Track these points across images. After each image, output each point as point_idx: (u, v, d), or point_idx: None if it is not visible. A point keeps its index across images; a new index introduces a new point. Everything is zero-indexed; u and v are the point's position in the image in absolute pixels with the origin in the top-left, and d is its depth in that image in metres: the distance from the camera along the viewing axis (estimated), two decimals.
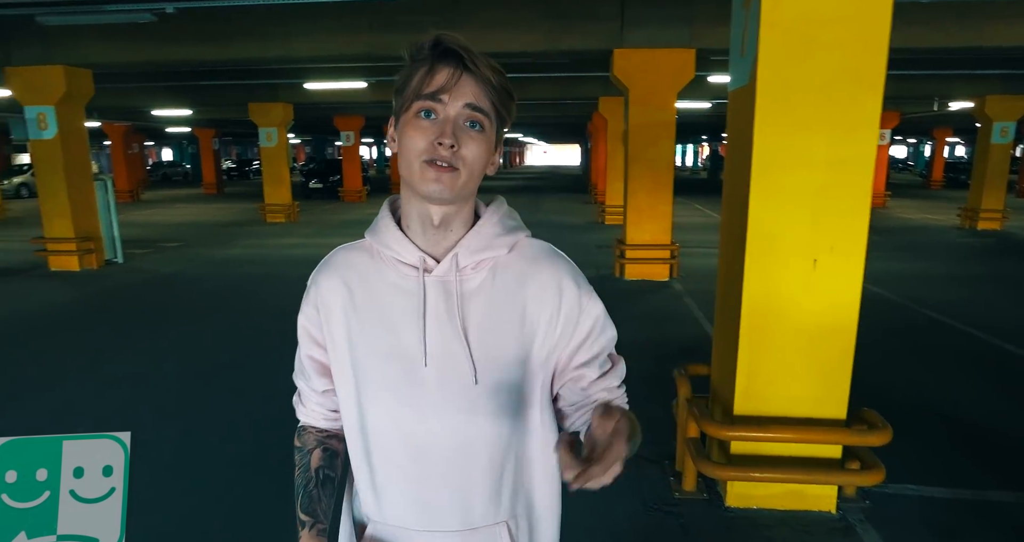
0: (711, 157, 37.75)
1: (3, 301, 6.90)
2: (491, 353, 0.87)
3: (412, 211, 0.87)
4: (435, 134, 0.79)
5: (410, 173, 0.82)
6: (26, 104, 8.05)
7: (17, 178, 21.97)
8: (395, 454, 0.90)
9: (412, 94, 0.81)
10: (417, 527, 0.91)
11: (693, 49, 7.11)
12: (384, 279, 0.89)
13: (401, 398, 0.88)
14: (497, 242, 0.89)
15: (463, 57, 0.80)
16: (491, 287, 0.88)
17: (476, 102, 0.81)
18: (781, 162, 2.42)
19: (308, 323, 0.95)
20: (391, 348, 0.87)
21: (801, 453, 2.59)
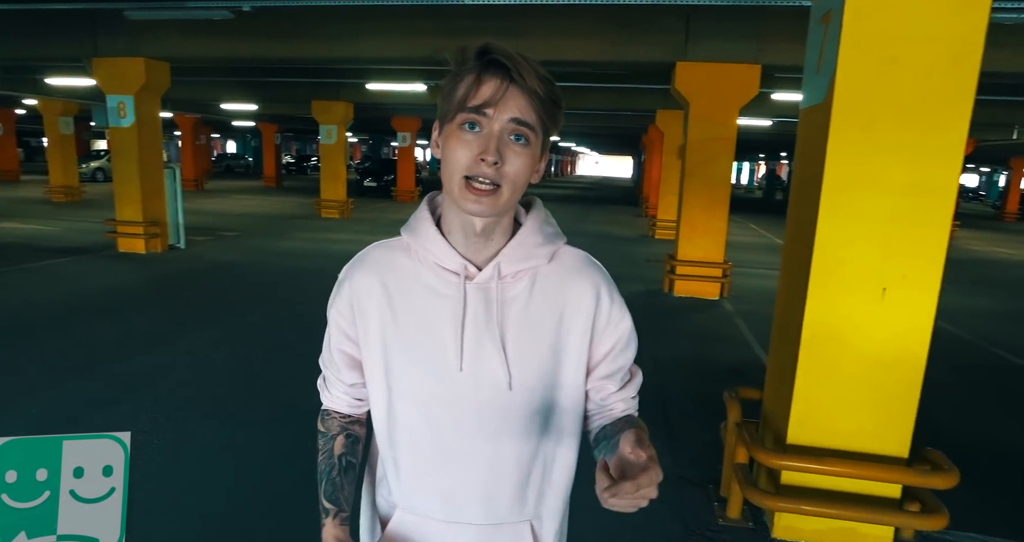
0: (768, 176, 36.86)
1: (75, 279, 7.27)
2: (526, 359, 0.88)
3: (454, 218, 0.87)
4: (479, 149, 0.78)
5: (451, 187, 0.82)
6: (108, 93, 8.49)
7: (94, 162, 23.20)
8: (425, 450, 0.91)
9: (457, 105, 0.80)
10: (442, 518, 0.92)
11: (759, 65, 6.95)
12: (422, 282, 0.89)
13: (435, 400, 0.89)
14: (538, 252, 0.90)
15: (510, 69, 0.78)
16: (529, 296, 0.89)
17: (522, 116, 0.79)
18: (854, 184, 2.32)
19: (341, 319, 0.95)
20: (427, 351, 0.88)
21: (857, 489, 2.47)
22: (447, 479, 0.91)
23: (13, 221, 11.78)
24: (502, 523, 0.92)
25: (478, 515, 0.92)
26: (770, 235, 14.81)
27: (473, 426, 0.89)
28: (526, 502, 0.93)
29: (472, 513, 0.92)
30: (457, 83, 0.80)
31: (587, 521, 2.64)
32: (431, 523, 0.93)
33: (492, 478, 0.91)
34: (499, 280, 0.88)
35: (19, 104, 18.97)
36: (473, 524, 0.92)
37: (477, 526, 0.92)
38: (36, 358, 4.42)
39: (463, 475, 0.90)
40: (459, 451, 0.90)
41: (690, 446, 3.49)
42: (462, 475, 0.90)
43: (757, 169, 50.75)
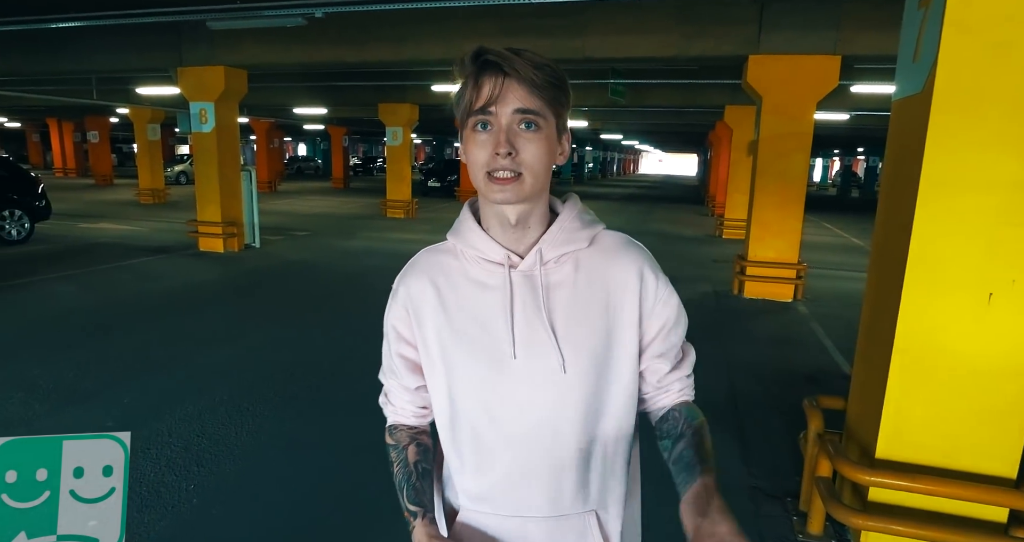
0: (843, 173, 35.12)
1: (161, 276, 7.72)
2: (577, 342, 0.90)
3: (489, 213, 0.92)
4: (493, 145, 0.82)
5: (478, 184, 0.86)
6: (191, 100, 8.98)
7: (178, 166, 24.66)
8: (488, 443, 0.92)
9: (465, 111, 0.85)
10: (508, 512, 0.93)
11: (838, 56, 6.60)
12: (469, 277, 0.93)
13: (493, 390, 0.90)
14: (578, 236, 0.92)
15: (502, 65, 0.81)
16: (574, 279, 0.91)
17: (524, 105, 0.82)
18: (957, 181, 2.14)
19: (398, 323, 0.98)
20: (481, 343, 0.90)
21: (956, 511, 2.28)
22: (510, 470, 0.92)
23: (108, 222, 12.64)
24: (567, 514, 0.93)
25: (543, 507, 0.93)
26: (846, 234, 14.08)
27: (532, 413, 0.90)
28: (589, 491, 0.94)
29: (537, 505, 0.93)
30: (463, 90, 0.85)
31: (658, 533, 2.56)
32: (497, 518, 0.94)
33: (555, 467, 0.91)
34: (542, 265, 0.90)
35: (113, 113, 20.39)
36: (538, 517, 0.93)
37: (542, 518, 0.93)
38: (127, 351, 4.70)
39: (526, 465, 0.91)
40: (520, 440, 0.91)
41: (765, 456, 3.33)
42: (525, 465, 0.91)
43: (831, 165, 48.43)
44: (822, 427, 2.70)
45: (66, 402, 3.76)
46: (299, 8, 6.37)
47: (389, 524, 2.62)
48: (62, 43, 8.86)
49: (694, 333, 1.07)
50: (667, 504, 0.98)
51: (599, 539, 0.95)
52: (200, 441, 3.32)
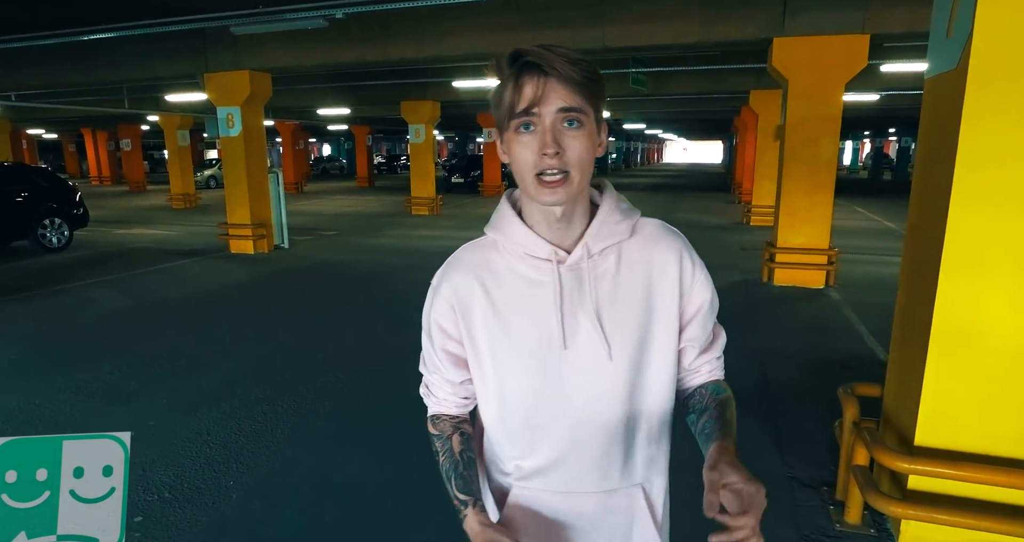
0: (874, 155, 34.19)
1: (195, 278, 7.91)
2: (621, 330, 0.94)
3: (534, 210, 0.93)
4: (539, 146, 0.84)
5: (524, 186, 0.88)
6: (219, 105, 9.15)
7: (207, 171, 25.13)
8: (540, 427, 0.96)
9: (507, 113, 0.85)
10: (559, 489, 0.98)
11: (867, 35, 6.41)
12: (516, 273, 0.95)
13: (543, 380, 0.94)
14: (619, 228, 0.95)
15: (542, 65, 0.82)
16: (617, 270, 0.95)
17: (567, 103, 0.83)
18: (994, 160, 2.07)
19: (442, 320, 0.99)
20: (532, 337, 0.94)
21: (998, 498, 2.22)
22: (562, 453, 0.96)
23: (142, 227, 12.98)
24: (616, 489, 0.98)
25: (593, 483, 0.97)
26: (878, 218, 13.73)
27: (581, 399, 0.94)
28: (635, 466, 0.98)
29: (587, 482, 0.97)
30: (502, 93, 0.86)
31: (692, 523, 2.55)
32: (548, 495, 0.98)
33: (603, 447, 0.96)
34: (588, 259, 0.93)
35: (143, 120, 20.90)
36: (588, 492, 0.97)
37: (592, 494, 0.97)
38: (164, 352, 4.83)
39: (576, 447, 0.96)
40: (571, 425, 0.95)
41: (799, 445, 3.29)
42: (576, 447, 0.96)
43: (862, 148, 47.20)
44: (858, 415, 2.65)
45: (110, 402, 3.89)
46: (320, 10, 6.43)
47: (425, 517, 2.66)
48: (95, 54, 9.09)
49: (724, 322, 1.07)
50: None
51: (646, 512, 1.00)
52: (238, 439, 3.40)
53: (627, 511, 0.99)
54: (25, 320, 5.91)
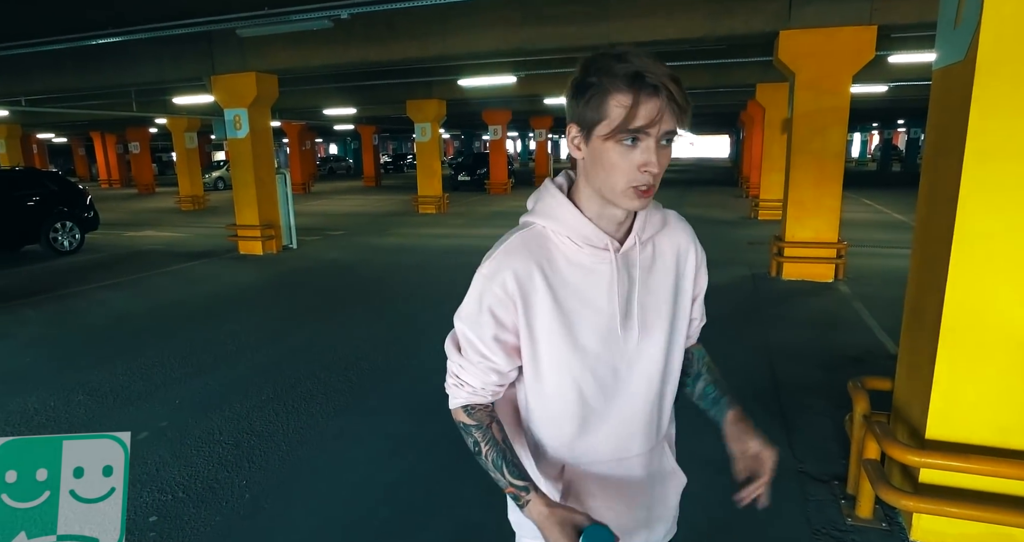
0: (882, 147, 33.89)
1: (205, 280, 7.97)
2: (658, 312, 1.06)
3: (595, 210, 1.01)
4: (642, 161, 0.90)
5: (612, 192, 0.95)
6: (226, 107, 9.20)
7: (215, 172, 25.27)
8: (594, 405, 1.05)
9: (617, 124, 0.88)
10: (611, 457, 1.09)
11: (874, 26, 6.36)
12: (572, 260, 1.02)
13: (600, 360, 1.03)
14: (655, 220, 1.08)
15: (661, 91, 0.87)
16: (653, 258, 1.07)
17: (672, 128, 0.91)
18: (1004, 151, 2.06)
19: (497, 307, 1.01)
20: (590, 320, 1.02)
21: (1010, 490, 2.21)
22: (614, 426, 1.07)
23: (152, 229, 13.08)
24: (653, 447, 1.12)
25: (639, 446, 1.10)
26: (888, 210, 13.63)
27: (632, 377, 1.05)
28: (661, 426, 1.13)
29: (635, 446, 1.09)
30: (605, 98, 0.89)
31: (705, 517, 2.55)
32: (602, 465, 1.08)
33: (645, 413, 1.08)
34: (638, 248, 1.04)
35: (151, 123, 21.05)
36: (635, 455, 1.10)
37: (638, 455, 1.10)
38: (175, 353, 4.88)
39: (626, 419, 1.07)
40: (620, 397, 1.06)
41: (810, 439, 3.28)
42: (625, 416, 1.07)
43: (870, 140, 46.80)
44: (868, 409, 2.64)
45: (124, 403, 3.93)
46: (325, 11, 6.46)
47: (434, 515, 2.67)
48: (103, 58, 9.17)
49: (733, 317, 1.10)
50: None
51: (671, 455, 1.18)
52: (249, 439, 3.43)
53: (660, 460, 1.14)
54: (38, 323, 5.98)
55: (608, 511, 1.08)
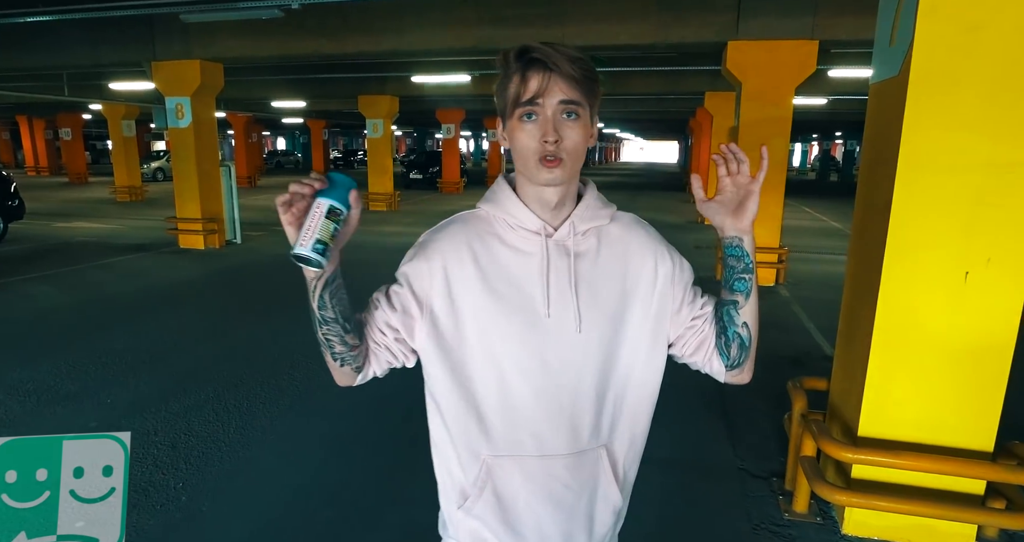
0: (821, 157, 35.45)
1: (141, 275, 7.61)
2: (596, 305, 1.02)
3: (530, 193, 1.02)
4: (540, 133, 0.93)
5: (526, 169, 0.97)
6: (167, 95, 8.81)
7: (155, 163, 24.18)
8: (516, 394, 1.01)
9: (512, 102, 0.94)
10: (534, 452, 1.03)
11: (816, 41, 6.64)
12: (507, 243, 1.02)
13: (523, 345, 1.00)
14: (601, 213, 1.06)
15: (547, 63, 0.92)
16: (597, 251, 1.04)
17: (567, 96, 0.93)
18: (933, 163, 2.18)
19: (412, 274, 1.03)
20: (518, 303, 1.00)
21: (935, 485, 2.34)
22: (538, 416, 1.02)
23: (83, 220, 12.40)
24: (584, 450, 1.05)
25: (565, 445, 1.04)
26: (826, 218, 14.26)
27: (557, 365, 1.01)
28: (601, 430, 1.06)
29: (560, 444, 1.03)
30: (507, 84, 0.95)
31: (651, 514, 2.60)
32: (524, 460, 1.04)
33: (575, 410, 1.03)
34: (573, 237, 1.02)
35: (85, 109, 19.96)
36: (561, 455, 1.03)
37: (564, 455, 1.04)
38: (108, 351, 4.64)
39: (552, 410, 1.02)
40: (547, 389, 1.01)
41: (750, 438, 3.39)
42: (551, 410, 1.02)
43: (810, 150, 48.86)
44: (806, 408, 2.75)
45: (48, 403, 3.71)
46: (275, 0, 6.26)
47: (382, 515, 2.63)
48: (33, 38, 8.63)
49: None
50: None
51: (608, 468, 1.08)
52: (187, 439, 3.29)
53: (593, 469, 1.07)
54: None
55: (528, 511, 1.05)
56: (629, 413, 1.09)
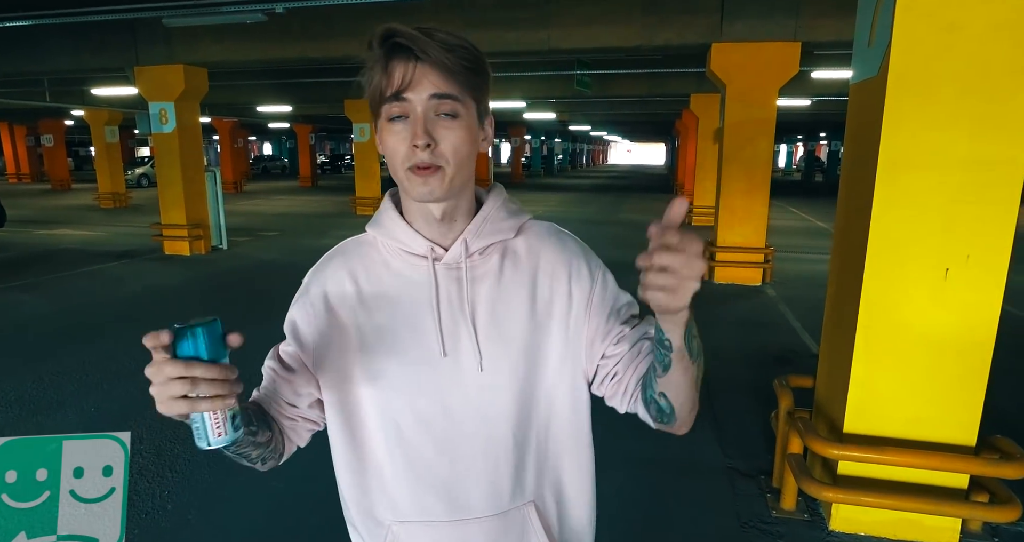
0: (806, 158, 35.80)
1: (125, 281, 7.53)
2: (501, 337, 0.84)
3: (412, 208, 0.85)
4: (410, 136, 0.76)
5: (398, 180, 0.80)
6: (151, 100, 8.73)
7: (139, 169, 24.00)
8: (418, 448, 0.86)
9: (377, 99, 0.78)
10: (446, 518, 0.87)
11: (798, 42, 6.72)
12: (391, 270, 0.87)
13: (420, 390, 0.84)
14: (503, 226, 0.87)
15: (412, 48, 0.74)
16: (499, 271, 0.86)
17: (440, 90, 0.75)
18: (912, 162, 2.21)
19: (299, 319, 0.90)
20: (406, 340, 0.84)
21: (920, 479, 2.37)
22: (445, 474, 0.86)
23: (66, 228, 12.26)
24: (507, 511, 0.88)
25: (481, 507, 0.87)
26: (811, 218, 14.39)
27: (461, 412, 0.85)
28: (525, 483, 0.89)
29: (475, 506, 0.87)
30: (371, 77, 0.78)
31: (639, 514, 2.60)
32: (436, 527, 0.87)
33: (489, 464, 0.86)
34: (467, 258, 0.85)
35: (67, 115, 19.74)
36: (478, 518, 0.87)
37: (482, 519, 0.87)
38: (91, 359, 4.58)
39: (460, 466, 0.86)
40: (452, 440, 0.85)
41: (738, 436, 3.41)
42: (459, 466, 0.86)
43: (795, 151, 49.34)
44: (792, 405, 2.77)
45: (32, 413, 3.66)
46: (259, 4, 6.23)
47: None
48: (12, 43, 8.54)
49: None
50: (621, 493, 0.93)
51: (540, 529, 0.90)
52: (173, 447, 3.26)
53: (521, 532, 0.89)
54: None
55: None
56: (557, 460, 0.91)
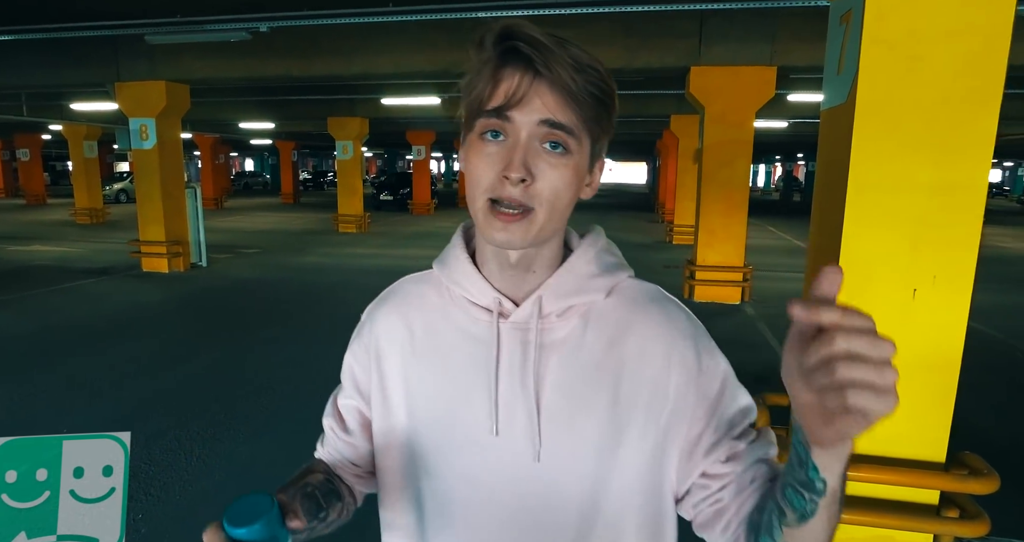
0: (785, 178, 36.53)
1: (101, 299, 7.41)
2: (569, 426, 0.67)
3: (485, 246, 0.70)
4: (503, 163, 0.61)
5: (474, 212, 0.65)
6: (131, 116, 8.69)
7: (117, 184, 23.71)
8: (456, 527, 0.72)
9: (474, 108, 0.63)
10: None
11: (774, 67, 6.91)
12: (451, 321, 0.72)
13: (463, 471, 0.70)
14: (592, 284, 0.70)
15: (533, 58, 0.59)
16: (580, 340, 0.69)
17: (554, 117, 0.60)
18: (880, 185, 2.28)
19: (355, 365, 0.79)
20: (454, 408, 0.70)
21: (891, 496, 2.40)
22: None
23: (41, 244, 12.05)
24: None
25: None
26: (789, 237, 14.65)
27: (511, 504, 0.69)
28: None
29: None
30: (474, 79, 0.63)
31: None
32: None
33: None
34: (540, 319, 0.69)
35: (44, 129, 19.51)
36: None
37: None
38: (66, 378, 4.49)
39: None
40: (496, 531, 0.70)
41: None
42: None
43: (774, 171, 50.30)
44: (769, 423, 2.81)
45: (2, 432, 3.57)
46: (244, 22, 6.28)
47: None
48: None
49: None
50: None
51: None
52: (148, 468, 3.20)
53: None
54: None
55: None
56: None
